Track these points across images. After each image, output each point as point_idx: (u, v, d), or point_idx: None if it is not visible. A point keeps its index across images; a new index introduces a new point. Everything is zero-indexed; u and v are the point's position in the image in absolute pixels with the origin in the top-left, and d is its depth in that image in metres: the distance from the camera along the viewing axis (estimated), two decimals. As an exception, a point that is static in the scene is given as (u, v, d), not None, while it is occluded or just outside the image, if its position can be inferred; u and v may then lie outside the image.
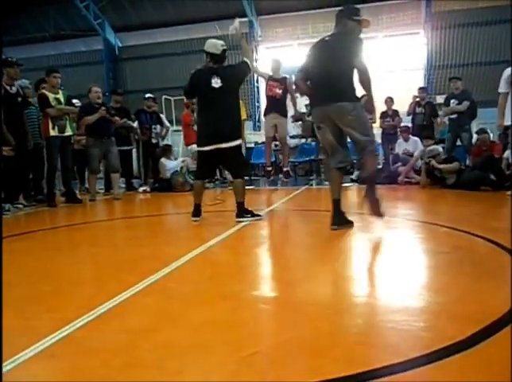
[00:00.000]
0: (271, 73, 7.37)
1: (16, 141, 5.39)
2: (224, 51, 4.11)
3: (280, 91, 7.24)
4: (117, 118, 6.92)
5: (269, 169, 7.62)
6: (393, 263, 2.59)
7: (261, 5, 14.54)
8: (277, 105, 7.23)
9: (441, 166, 6.56)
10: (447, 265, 2.49)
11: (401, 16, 13.73)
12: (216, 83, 4.04)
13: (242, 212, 4.10)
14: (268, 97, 7.37)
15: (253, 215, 4.12)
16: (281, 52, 14.80)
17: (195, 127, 7.88)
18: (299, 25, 14.50)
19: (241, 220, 4.04)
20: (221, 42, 4.14)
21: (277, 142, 9.46)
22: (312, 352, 1.44)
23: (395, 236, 3.43)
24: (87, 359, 1.44)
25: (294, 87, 6.73)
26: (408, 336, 1.53)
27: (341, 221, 3.54)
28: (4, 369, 1.36)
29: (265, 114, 7.46)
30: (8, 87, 5.45)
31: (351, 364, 1.33)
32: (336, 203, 3.57)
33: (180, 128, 9.46)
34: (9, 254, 3.23)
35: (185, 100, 8.41)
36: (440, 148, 7.07)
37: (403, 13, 13.76)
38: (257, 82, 15.19)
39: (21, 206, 5.77)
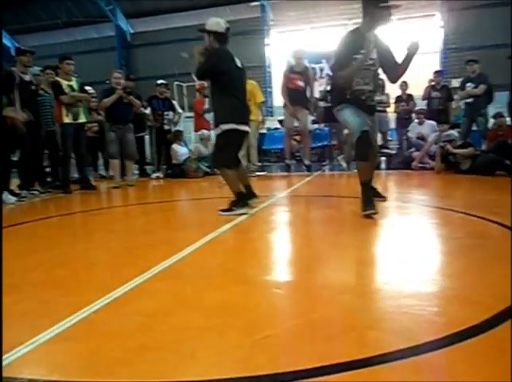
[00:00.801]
0: (293, 64, 7.27)
1: (29, 128, 5.45)
2: (228, 29, 3.83)
3: (302, 84, 7.15)
4: (137, 101, 6.83)
5: (289, 163, 7.56)
6: (407, 248, 2.59)
7: (273, -11, 14.37)
8: (299, 97, 7.17)
9: (456, 151, 6.47)
10: (460, 250, 2.48)
11: (416, -2, 13.44)
12: (238, 62, 3.89)
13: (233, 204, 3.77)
14: (289, 89, 7.19)
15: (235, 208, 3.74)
16: (293, 36, 14.66)
17: (206, 116, 7.91)
18: (311, 9, 14.29)
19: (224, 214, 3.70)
20: (223, 20, 3.87)
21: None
22: (324, 336, 1.45)
23: (409, 222, 3.42)
24: (103, 341, 1.47)
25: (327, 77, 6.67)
26: (420, 320, 1.53)
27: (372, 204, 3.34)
28: (23, 351, 1.40)
29: (285, 106, 7.35)
30: (22, 75, 5.50)
31: (363, 349, 1.34)
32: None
33: (191, 114, 9.46)
34: (26, 239, 3.31)
35: (197, 84, 8.35)
36: (456, 133, 6.98)
37: (418, -5, 13.47)
38: (270, 67, 15.07)
39: (36, 192, 5.86)
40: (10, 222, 3.93)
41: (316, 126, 9.63)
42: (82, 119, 6.21)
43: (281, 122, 9.91)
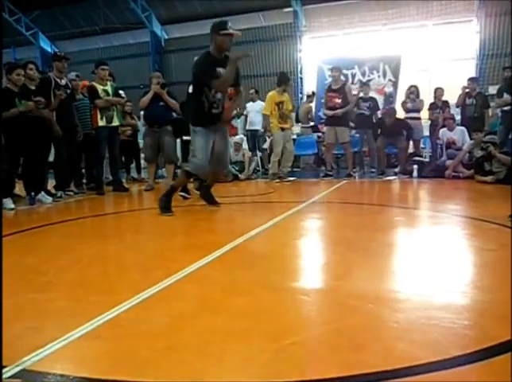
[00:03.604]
0: (330, 82, 7.55)
1: (65, 131, 5.63)
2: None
3: (340, 101, 7.31)
4: (173, 100, 6.55)
5: (331, 173, 7.69)
6: (438, 259, 2.53)
7: (307, -5, 14.34)
8: (337, 117, 7.32)
9: (500, 155, 6.28)
10: (493, 263, 2.41)
11: (453, 3, 13.13)
12: None
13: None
14: (329, 108, 7.48)
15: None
16: (326, 42, 14.60)
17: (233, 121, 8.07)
18: (345, 15, 14.19)
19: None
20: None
21: (320, 134, 9.44)
22: (351, 345, 1.44)
23: (441, 232, 3.34)
24: (132, 341, 1.51)
25: None
26: (450, 334, 1.50)
27: None
28: (55, 347, 1.44)
29: (326, 125, 7.66)
30: (58, 80, 5.70)
31: (390, 360, 1.32)
32: None
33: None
34: (61, 239, 3.42)
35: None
36: (496, 138, 6.80)
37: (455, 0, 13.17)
38: (301, 73, 15.05)
39: (71, 193, 6.05)
40: (47, 221, 4.07)
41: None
42: (115, 123, 6.35)
43: (313, 128, 9.97)
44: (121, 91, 6.82)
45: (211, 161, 4.10)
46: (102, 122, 6.15)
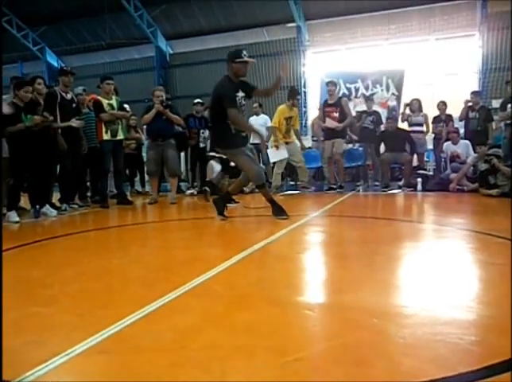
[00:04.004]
0: (327, 97, 7.69)
1: (70, 145, 5.68)
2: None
3: (337, 115, 7.40)
4: (175, 116, 6.66)
5: (334, 186, 7.74)
6: (443, 273, 2.51)
7: (310, 10, 14.50)
8: (335, 131, 7.40)
9: (503, 168, 6.27)
10: (499, 277, 2.38)
11: (455, 18, 13.26)
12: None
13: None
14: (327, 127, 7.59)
15: None
16: (329, 56, 14.73)
17: None
18: (348, 30, 14.34)
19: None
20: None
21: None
22: (356, 360, 1.43)
23: (446, 246, 3.32)
24: (136, 356, 1.50)
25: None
26: (456, 349, 1.48)
27: None
28: (59, 361, 1.43)
29: (325, 139, 7.74)
30: (64, 94, 5.77)
31: (396, 376, 1.31)
32: None
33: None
34: (65, 251, 3.42)
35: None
36: (501, 151, 6.80)
37: (457, 14, 13.28)
38: (305, 87, 15.15)
39: (76, 206, 6.07)
40: (51, 234, 4.08)
41: (350, 145, 9.58)
42: (120, 136, 6.41)
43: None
44: (126, 105, 6.89)
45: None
46: (106, 136, 6.21)
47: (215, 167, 7.97)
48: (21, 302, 2.11)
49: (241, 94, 4.36)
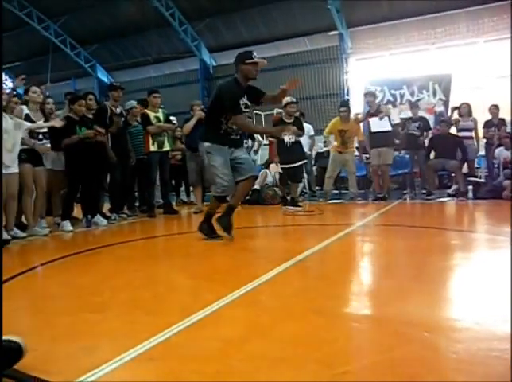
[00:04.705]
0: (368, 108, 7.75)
1: (120, 157, 5.89)
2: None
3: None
4: None
5: (381, 195, 7.56)
6: (498, 285, 2.39)
7: (352, 17, 14.38)
8: (382, 138, 7.35)
9: None
10: (562, 291, 2.23)
11: (506, 19, 12.73)
12: None
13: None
14: (374, 133, 7.53)
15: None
16: (372, 63, 14.51)
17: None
18: (391, 35, 14.09)
19: None
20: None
21: (368, 155, 9.28)
22: (405, 376, 1.38)
23: (499, 257, 3.16)
24: (182, 364, 1.52)
25: None
26: (515, 367, 1.40)
27: None
28: (109, 368, 1.47)
29: (372, 147, 7.65)
30: (113, 108, 6.00)
31: (449, 393, 1.25)
32: None
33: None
34: (115, 260, 3.53)
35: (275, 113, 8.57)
36: None
37: (507, 15, 12.76)
38: (348, 94, 14.99)
39: (125, 216, 6.27)
40: (101, 243, 4.23)
41: (396, 153, 9.36)
42: (166, 148, 6.58)
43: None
44: (172, 117, 7.05)
45: (236, 176, 4.02)
46: (153, 148, 6.38)
47: (269, 176, 8.04)
48: (74, 308, 2.20)
49: (244, 100, 4.07)
